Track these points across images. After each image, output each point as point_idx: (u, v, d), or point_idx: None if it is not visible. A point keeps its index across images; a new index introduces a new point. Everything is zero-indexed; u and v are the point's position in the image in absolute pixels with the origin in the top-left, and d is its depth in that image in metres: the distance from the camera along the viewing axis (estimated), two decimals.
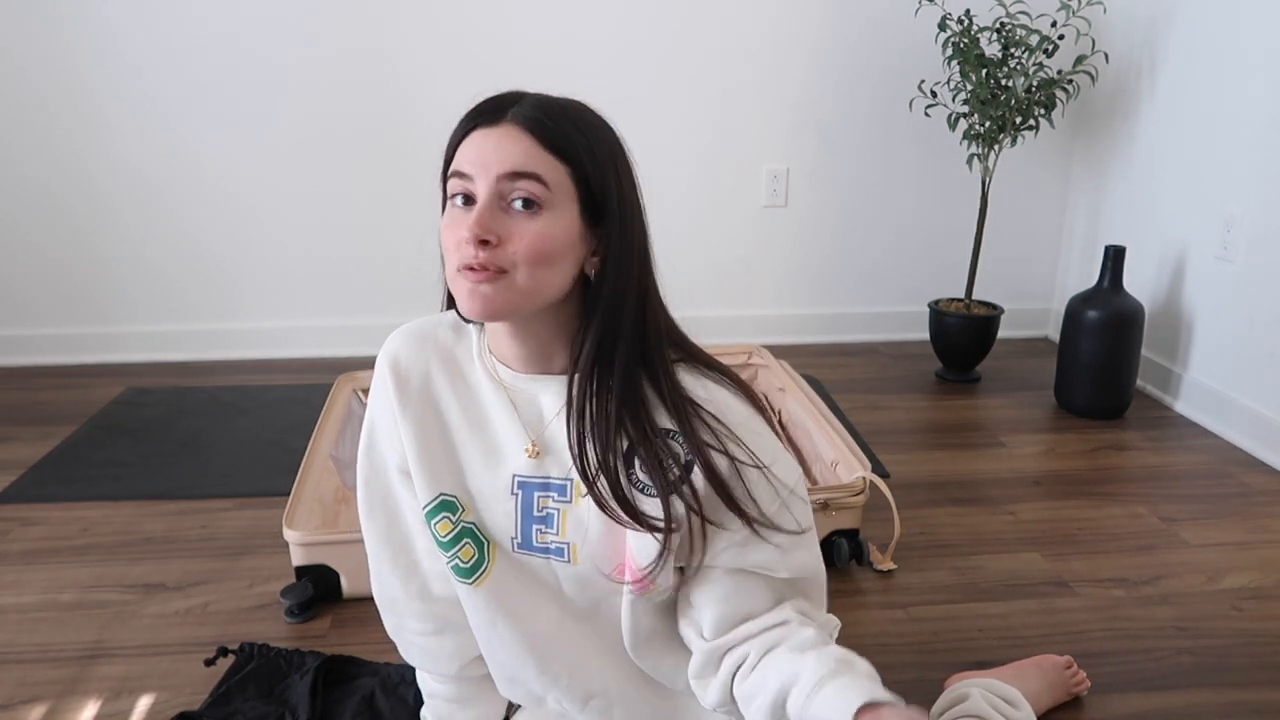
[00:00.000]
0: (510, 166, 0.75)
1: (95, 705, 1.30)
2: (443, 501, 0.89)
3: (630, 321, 0.81)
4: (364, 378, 2.22)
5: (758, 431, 0.86)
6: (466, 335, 0.93)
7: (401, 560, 0.99)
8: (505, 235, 0.76)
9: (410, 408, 0.90)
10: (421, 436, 0.89)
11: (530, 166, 0.75)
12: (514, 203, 0.76)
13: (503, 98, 0.80)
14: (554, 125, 0.77)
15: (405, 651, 1.05)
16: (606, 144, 0.80)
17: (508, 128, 0.77)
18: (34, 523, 1.82)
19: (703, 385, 0.85)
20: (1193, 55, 2.34)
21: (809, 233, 2.84)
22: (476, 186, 0.77)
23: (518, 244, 0.76)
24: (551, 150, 0.76)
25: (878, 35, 2.67)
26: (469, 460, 0.89)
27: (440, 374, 0.90)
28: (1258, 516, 1.86)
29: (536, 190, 0.75)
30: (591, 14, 2.57)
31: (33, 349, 2.73)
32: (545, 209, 0.76)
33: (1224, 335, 2.25)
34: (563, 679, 0.94)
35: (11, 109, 2.53)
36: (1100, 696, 1.32)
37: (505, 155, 0.76)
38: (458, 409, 0.89)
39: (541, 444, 0.87)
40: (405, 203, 2.71)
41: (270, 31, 2.53)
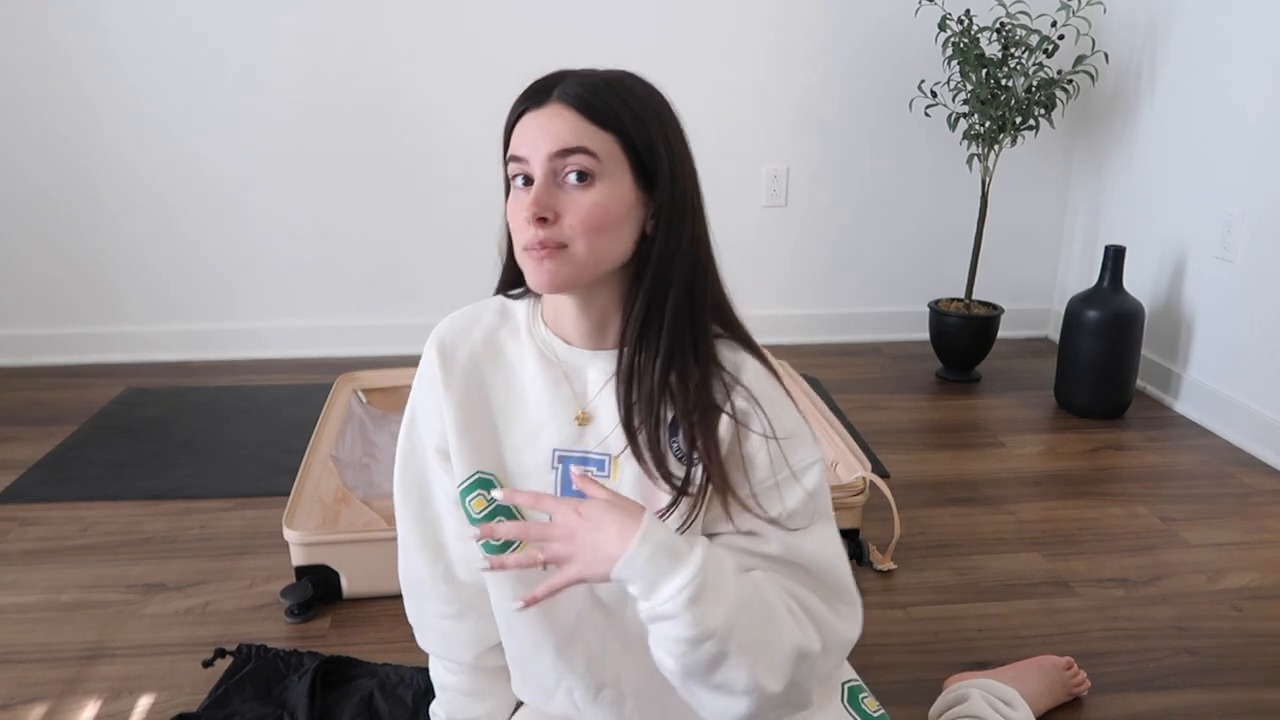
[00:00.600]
0: (560, 144, 0.78)
1: (95, 705, 1.30)
2: (479, 479, 0.91)
3: (682, 282, 0.83)
4: (364, 378, 2.22)
5: (783, 406, 0.87)
6: (512, 317, 0.94)
7: (430, 541, 1.01)
8: (562, 210, 0.79)
9: (454, 387, 0.91)
10: (463, 415, 0.91)
11: (578, 141, 0.78)
12: (568, 178, 0.79)
13: (548, 79, 0.83)
14: (598, 99, 0.79)
15: (423, 637, 1.05)
16: (653, 109, 0.82)
17: (554, 107, 0.80)
18: (34, 523, 1.82)
19: (734, 351, 0.88)
20: (1193, 55, 2.34)
21: (809, 233, 2.84)
22: (532, 167, 0.80)
23: (574, 217, 0.79)
24: (597, 123, 0.79)
25: (878, 35, 2.67)
26: (509, 438, 0.91)
27: (484, 355, 0.92)
28: (1258, 516, 1.86)
29: (587, 163, 0.78)
30: (592, 14, 2.57)
31: (32, 349, 2.73)
32: (598, 180, 0.79)
33: (1224, 335, 2.25)
34: (579, 666, 0.94)
35: (9, 112, 2.53)
36: (1100, 696, 1.32)
37: (554, 134, 0.79)
38: (499, 389, 0.92)
39: (588, 413, 0.89)
40: (404, 203, 2.71)
41: (266, 34, 2.52)
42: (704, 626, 0.71)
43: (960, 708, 1.17)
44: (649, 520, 0.73)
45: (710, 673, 0.74)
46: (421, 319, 2.81)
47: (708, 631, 0.71)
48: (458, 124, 2.64)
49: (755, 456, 0.84)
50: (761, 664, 0.74)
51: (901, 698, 1.25)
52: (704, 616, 0.71)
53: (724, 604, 0.72)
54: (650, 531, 0.72)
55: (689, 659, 0.73)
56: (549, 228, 0.79)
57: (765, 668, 0.74)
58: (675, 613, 0.71)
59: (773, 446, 0.84)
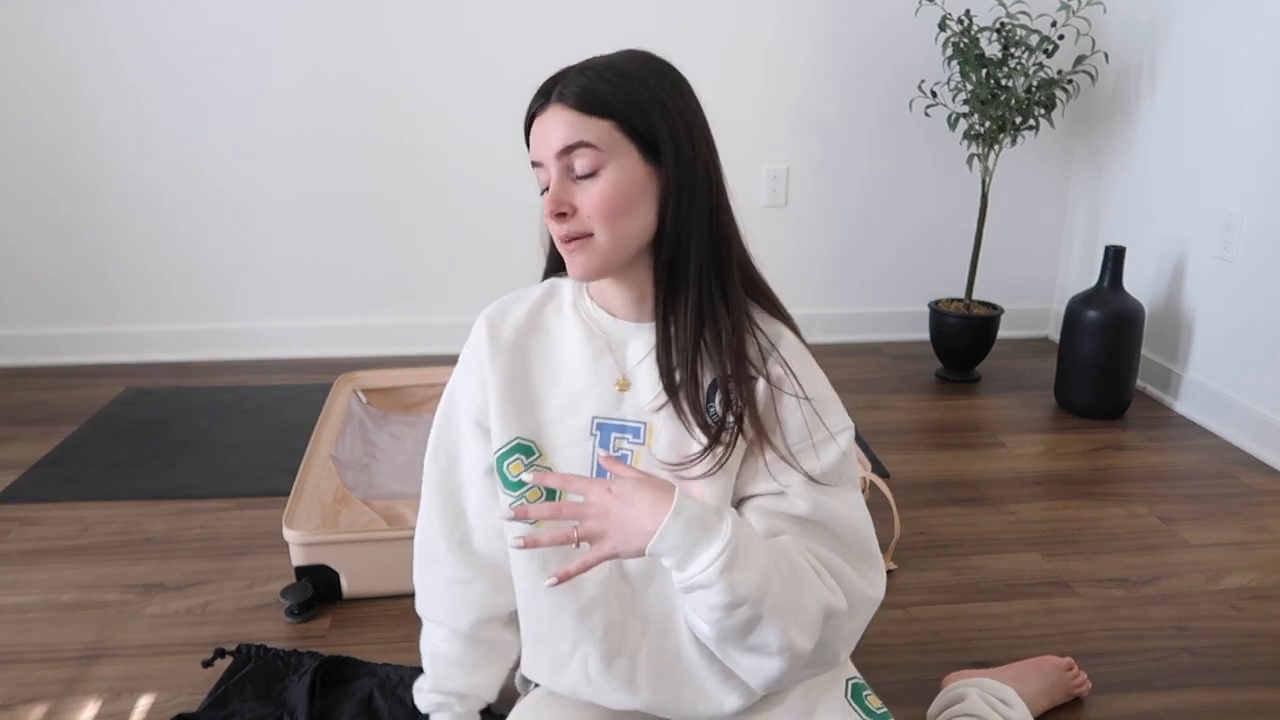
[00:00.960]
0: (561, 143, 0.83)
1: (95, 705, 1.30)
2: (518, 445, 0.95)
3: (703, 244, 0.87)
4: (364, 378, 2.22)
5: (817, 374, 0.91)
6: (558, 294, 0.99)
7: (450, 509, 1.04)
8: (577, 203, 0.84)
9: (499, 358, 0.96)
10: (506, 384, 0.96)
11: (576, 137, 0.83)
12: (577, 172, 0.84)
13: (549, 81, 0.86)
14: (590, 90, 0.83)
15: (424, 600, 1.07)
16: (649, 86, 0.85)
17: (554, 108, 0.84)
18: (34, 523, 1.82)
19: (770, 322, 0.93)
20: (1192, 55, 2.34)
21: (809, 233, 2.84)
22: (548, 169, 0.85)
23: (590, 207, 0.84)
24: (593, 113, 0.83)
25: (878, 35, 2.67)
26: (549, 407, 0.95)
27: (528, 330, 0.97)
28: (1258, 516, 1.86)
29: (589, 155, 0.83)
30: (591, 14, 2.58)
31: (32, 349, 2.73)
32: (605, 168, 0.83)
33: (1224, 335, 2.25)
34: (597, 632, 0.96)
35: (9, 112, 2.53)
36: (1100, 696, 1.32)
37: (555, 134, 0.83)
38: (541, 360, 0.96)
39: (628, 379, 0.93)
40: (404, 203, 2.71)
41: (266, 33, 2.53)
42: (737, 593, 0.74)
43: (958, 706, 1.17)
44: (680, 495, 0.76)
45: (745, 636, 0.78)
46: (421, 319, 2.81)
47: (741, 597, 0.75)
48: (458, 124, 2.64)
49: (790, 419, 0.88)
50: (792, 624, 0.78)
51: (901, 697, 1.25)
52: (737, 584, 0.74)
53: (755, 570, 0.76)
54: (682, 506, 0.76)
55: (725, 624, 0.77)
56: (570, 221, 0.85)
57: (796, 627, 0.78)
58: (711, 581, 0.74)
59: (806, 409, 0.88)
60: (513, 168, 2.68)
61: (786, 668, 0.81)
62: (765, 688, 0.84)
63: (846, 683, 1.02)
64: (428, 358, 2.75)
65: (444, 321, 2.81)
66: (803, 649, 0.79)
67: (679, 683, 0.97)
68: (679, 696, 0.97)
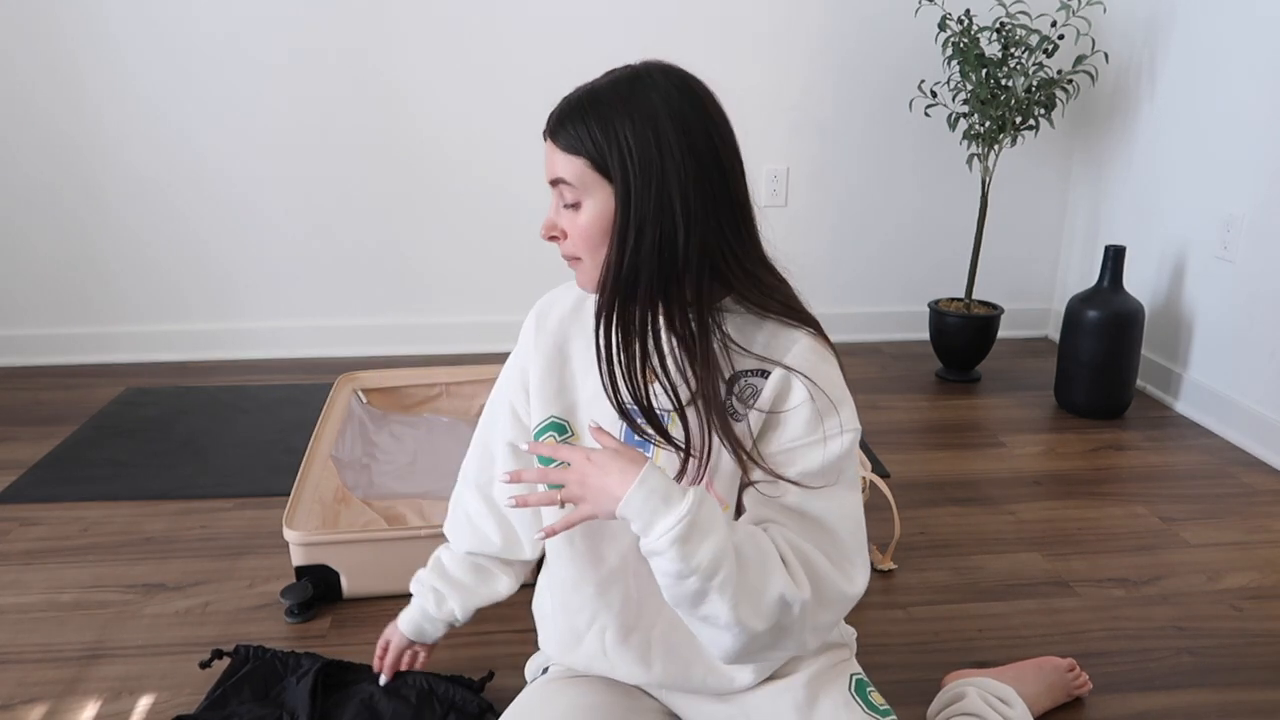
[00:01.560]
0: (550, 175, 0.92)
1: (95, 705, 1.30)
2: (552, 422, 1.02)
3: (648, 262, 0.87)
4: (364, 378, 2.22)
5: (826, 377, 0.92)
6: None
7: (485, 454, 1.16)
8: (567, 229, 0.92)
9: (543, 344, 1.04)
10: (546, 367, 1.03)
11: (557, 173, 0.90)
12: (565, 201, 0.91)
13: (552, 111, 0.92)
14: (564, 129, 0.89)
15: (447, 521, 1.21)
16: (618, 123, 0.86)
17: (549, 143, 0.92)
18: (34, 523, 1.82)
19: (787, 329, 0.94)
20: (1193, 55, 2.34)
21: (809, 233, 2.84)
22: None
23: (572, 235, 0.92)
24: (567, 151, 0.89)
25: (877, 35, 2.67)
26: (584, 391, 1.02)
27: (571, 319, 1.04)
28: (1258, 516, 1.86)
29: (568, 191, 0.90)
30: (590, 15, 2.57)
31: (33, 349, 2.73)
32: (584, 201, 0.90)
33: (1224, 335, 2.25)
34: (615, 605, 1.02)
35: (11, 110, 2.53)
36: (1100, 696, 1.32)
37: (548, 166, 0.92)
38: (581, 348, 1.02)
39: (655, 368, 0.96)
40: (405, 203, 2.71)
41: (269, 32, 2.53)
42: (688, 563, 0.80)
43: (957, 705, 1.17)
44: (648, 468, 0.83)
45: (695, 606, 0.83)
46: (422, 319, 2.81)
47: (691, 568, 0.80)
48: (460, 126, 2.64)
49: (789, 422, 0.91)
50: (745, 604, 0.82)
51: (901, 697, 1.25)
52: (689, 555, 0.80)
53: (709, 546, 0.81)
54: (646, 478, 0.82)
55: (675, 591, 0.83)
56: (561, 244, 0.94)
57: (749, 607, 0.82)
58: (664, 549, 0.80)
59: (803, 413, 0.90)
60: (514, 168, 2.68)
61: (739, 644, 0.85)
62: (726, 658, 0.88)
63: (850, 677, 1.04)
64: (428, 358, 2.75)
65: (445, 321, 2.81)
66: (754, 629, 0.83)
67: (690, 658, 1.01)
68: (690, 671, 1.02)
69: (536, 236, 1.00)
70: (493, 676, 1.31)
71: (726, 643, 0.85)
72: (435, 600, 1.20)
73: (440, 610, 1.20)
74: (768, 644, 0.86)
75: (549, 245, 0.97)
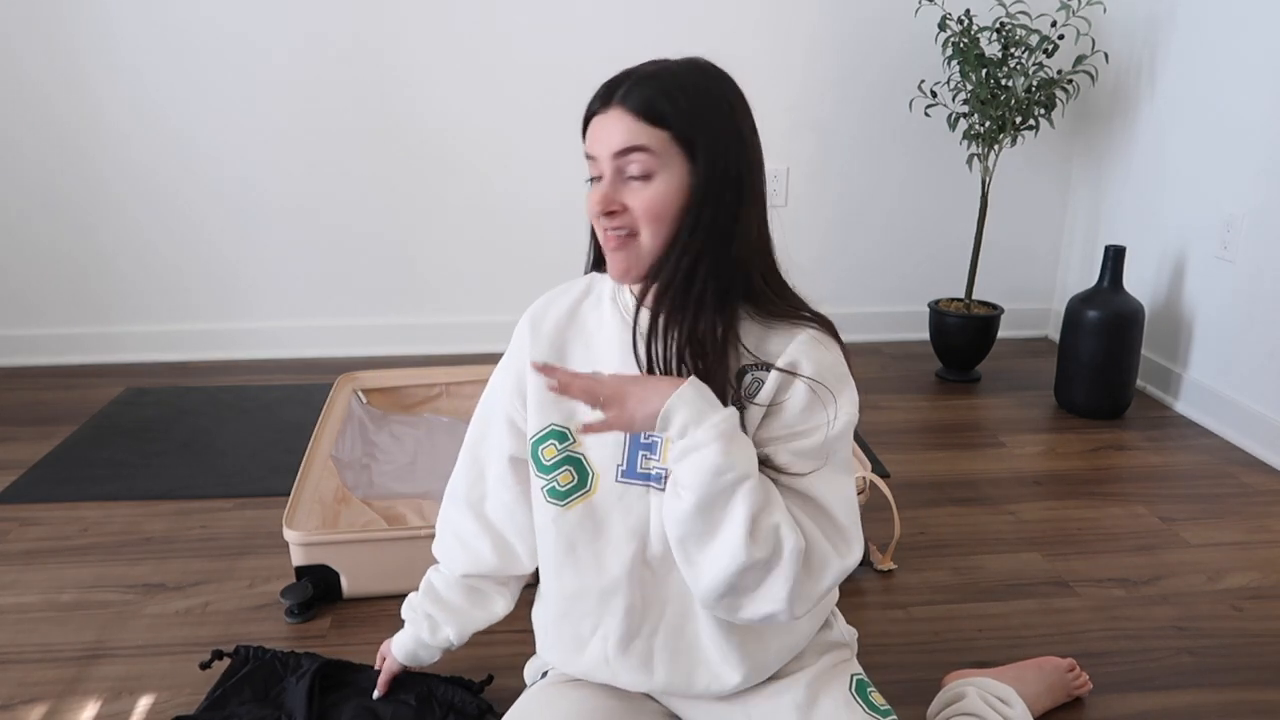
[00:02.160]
0: (620, 144, 0.88)
1: (95, 705, 1.30)
2: (552, 430, 1.01)
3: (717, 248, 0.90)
4: (364, 378, 2.22)
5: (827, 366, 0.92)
6: (596, 289, 1.04)
7: (474, 470, 1.14)
8: (627, 202, 0.89)
9: (539, 350, 1.02)
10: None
11: (635, 141, 0.87)
12: (630, 173, 0.89)
13: (613, 82, 0.90)
14: (649, 99, 0.87)
15: (437, 544, 1.18)
16: (700, 100, 0.89)
17: (615, 111, 0.89)
18: (34, 523, 1.82)
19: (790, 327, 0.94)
20: (1193, 55, 2.34)
21: (809, 232, 2.84)
22: (601, 166, 0.90)
23: (638, 208, 0.89)
24: (650, 122, 0.87)
25: (877, 35, 2.67)
26: None
27: (567, 323, 1.03)
28: (1258, 516, 1.86)
29: (644, 159, 0.88)
30: (590, 14, 2.57)
31: (33, 349, 2.73)
32: (657, 173, 0.88)
33: (1224, 335, 2.25)
34: (618, 613, 1.00)
35: (13, 108, 2.53)
36: (1100, 696, 1.32)
37: (615, 136, 0.88)
38: (578, 353, 1.01)
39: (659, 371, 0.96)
40: (406, 203, 2.71)
41: (274, 31, 2.53)
42: (729, 458, 0.81)
43: (957, 705, 1.17)
44: (694, 379, 0.86)
45: (714, 511, 0.83)
46: (422, 319, 2.81)
47: (730, 463, 0.81)
48: (462, 126, 2.64)
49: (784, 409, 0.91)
50: (758, 519, 0.83)
51: (901, 697, 1.25)
52: (732, 450, 0.82)
53: (748, 449, 0.84)
54: (695, 383, 0.85)
55: (706, 489, 0.82)
56: (617, 219, 0.90)
57: (757, 525, 0.83)
58: (710, 441, 0.81)
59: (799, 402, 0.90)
60: (514, 168, 2.68)
61: (732, 568, 0.83)
62: (711, 589, 0.86)
63: (851, 677, 1.04)
64: (428, 358, 2.75)
65: (445, 321, 2.81)
66: (752, 553, 0.82)
67: (693, 664, 1.01)
68: (692, 676, 1.01)
69: (536, 236, 0.99)
70: (492, 679, 1.31)
71: (719, 567, 0.84)
72: (429, 627, 1.18)
73: (435, 637, 1.18)
74: (752, 583, 0.85)
75: (549, 245, 0.97)
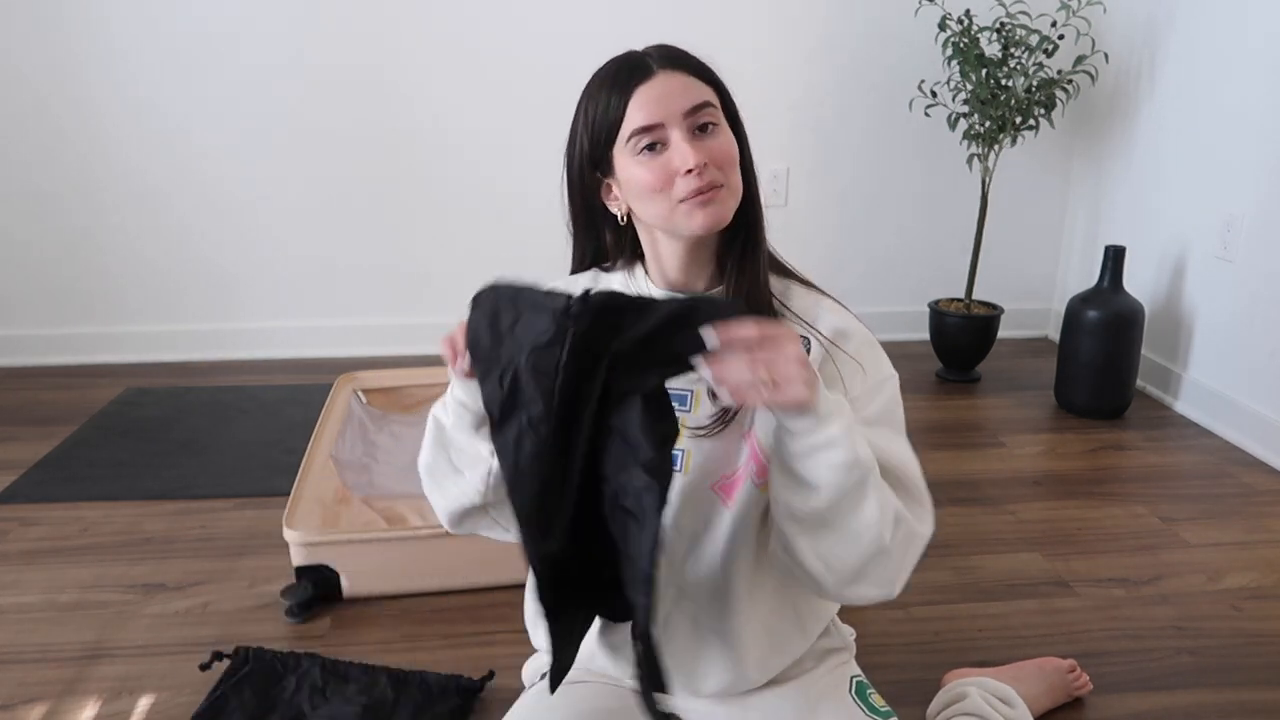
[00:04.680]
0: (691, 102, 0.89)
1: (95, 705, 1.30)
2: None
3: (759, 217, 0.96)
4: (364, 378, 2.22)
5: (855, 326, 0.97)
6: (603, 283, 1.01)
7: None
8: (707, 156, 0.89)
9: None
10: None
11: (703, 97, 0.90)
12: (701, 129, 0.89)
13: (631, 58, 0.91)
14: (695, 60, 0.92)
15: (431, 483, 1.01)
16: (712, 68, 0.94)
17: (666, 74, 0.89)
18: (34, 523, 1.82)
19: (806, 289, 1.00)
20: (1193, 55, 2.34)
21: (809, 232, 2.84)
22: (668, 131, 0.88)
23: (717, 158, 0.89)
24: (704, 80, 0.91)
25: (877, 35, 2.67)
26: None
27: None
28: (1258, 516, 1.86)
29: (714, 113, 0.90)
30: (591, 13, 2.57)
31: (33, 349, 2.73)
32: (719, 124, 0.91)
33: (1224, 335, 2.25)
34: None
35: (12, 111, 2.53)
36: (1100, 696, 1.32)
37: (683, 95, 0.89)
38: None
39: None
40: (405, 203, 2.71)
41: (271, 33, 2.52)
42: (856, 453, 0.80)
43: (958, 705, 1.17)
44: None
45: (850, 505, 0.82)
46: (422, 319, 2.81)
47: (858, 459, 0.81)
48: (460, 126, 2.64)
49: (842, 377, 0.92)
50: (886, 506, 0.83)
51: (901, 697, 1.25)
52: (858, 446, 0.81)
53: (864, 443, 0.83)
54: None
55: (842, 482, 0.80)
56: (703, 175, 0.88)
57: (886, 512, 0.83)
58: (842, 439, 0.79)
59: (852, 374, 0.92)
60: (514, 168, 2.68)
61: (868, 553, 0.83)
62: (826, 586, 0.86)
63: (851, 680, 1.04)
64: (428, 358, 2.74)
65: (445, 321, 2.78)
66: (885, 540, 0.83)
67: (696, 662, 1.00)
68: (695, 670, 1.00)
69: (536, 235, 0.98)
70: (493, 676, 1.31)
71: (853, 556, 0.83)
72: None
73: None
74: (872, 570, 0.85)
75: (548, 244, 0.96)
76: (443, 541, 1.52)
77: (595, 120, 0.91)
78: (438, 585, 1.55)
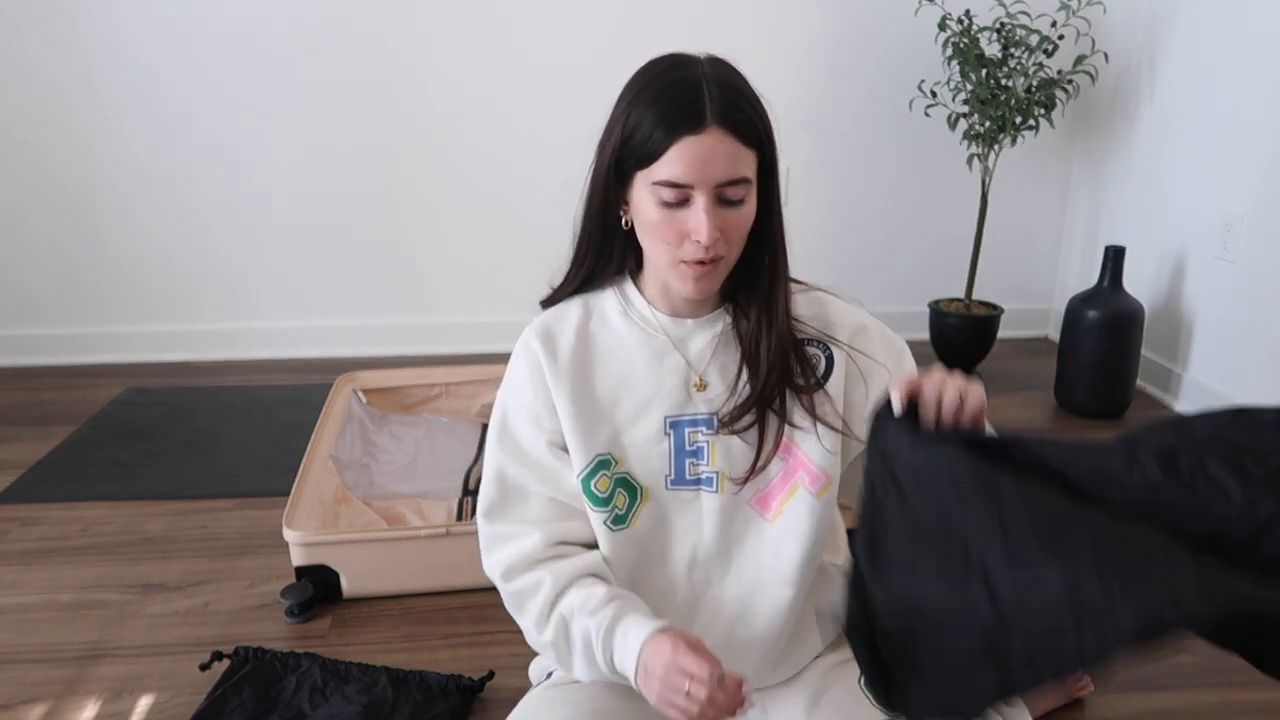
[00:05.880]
0: (728, 175, 0.86)
1: (95, 705, 1.30)
2: (599, 461, 0.96)
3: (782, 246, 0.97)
4: (364, 378, 2.22)
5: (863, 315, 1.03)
6: (598, 308, 1.00)
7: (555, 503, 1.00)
8: (722, 229, 0.88)
9: (562, 383, 0.96)
10: (575, 407, 0.96)
11: (741, 172, 0.87)
12: (726, 200, 0.87)
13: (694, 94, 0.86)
14: (745, 117, 0.88)
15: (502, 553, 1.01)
16: (763, 110, 0.92)
17: (714, 134, 0.85)
18: (34, 523, 1.82)
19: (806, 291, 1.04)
20: (1193, 55, 2.34)
21: (808, 233, 2.84)
22: (695, 193, 0.86)
23: (731, 232, 0.89)
24: (748, 144, 0.87)
25: (877, 35, 2.67)
26: (620, 418, 0.97)
27: (581, 348, 0.98)
28: None
29: (746, 189, 0.88)
30: (590, 14, 2.57)
31: (33, 349, 2.73)
32: (747, 199, 0.89)
33: (1224, 335, 2.25)
34: (671, 613, 0.98)
35: (19, 108, 2.53)
36: (1100, 696, 1.32)
37: (720, 166, 0.86)
38: (601, 375, 0.97)
39: (704, 379, 0.97)
40: (406, 203, 2.71)
41: (281, 31, 2.52)
42: None
43: None
44: None
45: None
46: (421, 319, 2.81)
47: None
48: (463, 128, 2.64)
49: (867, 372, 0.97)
50: None
51: None
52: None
53: None
54: None
55: None
56: (715, 247, 0.88)
57: None
58: None
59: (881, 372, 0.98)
60: (514, 169, 2.68)
61: None
62: None
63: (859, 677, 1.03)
64: (428, 358, 2.75)
65: (445, 321, 2.81)
66: None
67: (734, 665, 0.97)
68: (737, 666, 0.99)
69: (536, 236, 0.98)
70: (493, 676, 1.31)
71: None
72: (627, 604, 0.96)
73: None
74: None
75: (549, 245, 0.95)
76: (443, 541, 1.52)
77: (632, 137, 0.88)
78: (438, 585, 1.55)
